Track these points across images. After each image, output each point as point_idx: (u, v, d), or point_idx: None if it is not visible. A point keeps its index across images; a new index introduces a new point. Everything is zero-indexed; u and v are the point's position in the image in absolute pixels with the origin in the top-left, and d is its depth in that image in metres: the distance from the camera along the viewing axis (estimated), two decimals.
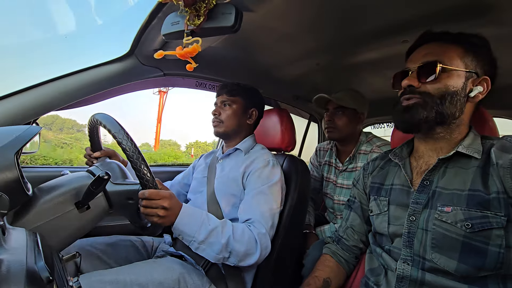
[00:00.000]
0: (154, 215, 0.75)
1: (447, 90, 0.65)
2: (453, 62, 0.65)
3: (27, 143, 0.59)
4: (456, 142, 0.69)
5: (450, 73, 0.65)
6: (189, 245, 0.84)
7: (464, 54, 0.66)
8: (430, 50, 0.68)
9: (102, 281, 0.73)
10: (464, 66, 0.66)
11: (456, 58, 0.66)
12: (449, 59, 0.65)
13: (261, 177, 0.99)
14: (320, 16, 0.81)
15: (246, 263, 0.87)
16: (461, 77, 0.65)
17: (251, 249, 0.87)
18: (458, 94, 0.65)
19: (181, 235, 0.83)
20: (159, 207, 0.75)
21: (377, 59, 1.09)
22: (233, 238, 0.85)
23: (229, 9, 0.62)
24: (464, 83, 0.65)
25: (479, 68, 0.67)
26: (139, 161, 0.71)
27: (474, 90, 0.65)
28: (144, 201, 0.74)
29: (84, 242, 0.94)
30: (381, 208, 0.76)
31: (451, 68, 0.65)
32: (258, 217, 0.92)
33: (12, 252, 0.35)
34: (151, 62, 1.03)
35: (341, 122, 1.36)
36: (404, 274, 0.66)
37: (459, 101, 0.65)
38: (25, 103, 0.83)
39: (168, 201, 0.76)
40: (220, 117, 1.11)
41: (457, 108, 0.65)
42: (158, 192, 0.75)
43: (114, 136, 0.71)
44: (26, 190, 0.60)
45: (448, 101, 0.65)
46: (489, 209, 0.57)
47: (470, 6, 0.73)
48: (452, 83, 0.65)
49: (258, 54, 1.11)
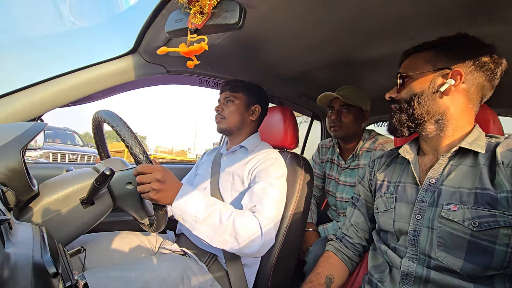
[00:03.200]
0: (150, 190, 0.73)
1: (413, 92, 0.71)
2: (417, 68, 0.72)
3: (32, 139, 0.60)
4: (457, 139, 0.69)
5: (413, 78, 0.72)
6: (190, 226, 0.81)
7: (432, 56, 0.71)
8: (403, 65, 0.77)
9: (107, 277, 0.74)
10: (431, 67, 0.70)
11: (421, 63, 0.72)
12: (414, 67, 0.73)
13: (268, 171, 0.99)
14: (324, 12, 0.80)
15: (249, 250, 0.84)
16: (427, 78, 0.70)
17: (255, 235, 0.85)
18: (425, 93, 0.70)
19: (182, 214, 0.80)
20: (153, 181, 0.73)
21: (382, 56, 1.08)
22: (237, 221, 0.83)
23: (233, 6, 0.62)
24: (431, 81, 0.70)
25: (453, 64, 0.68)
26: (132, 139, 0.71)
27: (444, 84, 0.68)
28: (138, 177, 0.74)
29: (89, 238, 0.95)
30: (388, 205, 0.76)
31: (414, 73, 0.72)
32: (264, 206, 0.90)
33: (19, 246, 0.36)
34: (154, 59, 1.03)
35: (347, 120, 1.35)
36: (409, 271, 0.66)
37: (429, 99, 0.70)
38: (30, 100, 0.83)
39: (161, 173, 0.75)
40: (223, 114, 1.11)
41: (428, 105, 0.70)
42: (150, 166, 0.74)
43: (108, 122, 0.72)
44: (32, 186, 0.61)
45: (415, 101, 0.71)
46: (496, 208, 0.57)
47: (474, 3, 0.72)
48: (416, 86, 0.71)
49: (261, 51, 1.10)
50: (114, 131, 0.72)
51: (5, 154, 0.55)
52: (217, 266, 0.96)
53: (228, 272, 0.95)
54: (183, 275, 0.85)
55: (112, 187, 0.76)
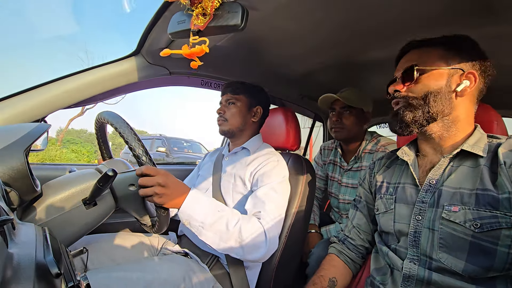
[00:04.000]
0: (152, 194, 0.73)
1: (429, 89, 0.67)
2: (432, 63, 0.68)
3: (36, 141, 0.61)
4: (459, 140, 0.69)
5: (429, 73, 0.68)
6: (196, 231, 0.81)
7: (444, 54, 0.68)
8: (411, 57, 0.73)
9: (109, 277, 0.74)
10: (445, 64, 0.67)
11: (435, 58, 0.68)
12: (428, 61, 0.68)
13: (270, 175, 0.99)
14: (326, 14, 0.80)
15: (253, 256, 0.85)
16: (443, 75, 0.67)
17: (260, 242, 0.85)
18: (442, 92, 0.67)
19: (189, 220, 0.80)
20: (155, 185, 0.73)
21: (383, 58, 1.07)
22: (243, 228, 0.83)
23: (235, 8, 0.62)
24: (447, 80, 0.67)
25: (464, 64, 0.68)
26: (135, 141, 0.71)
27: (461, 84, 0.66)
28: (140, 180, 0.73)
29: (91, 238, 0.95)
30: (387, 207, 0.76)
31: (430, 68, 0.68)
32: (268, 212, 0.91)
33: (22, 246, 0.36)
34: (157, 61, 1.04)
35: (348, 122, 1.34)
36: (411, 273, 0.65)
37: (445, 98, 0.67)
38: (34, 102, 0.84)
39: (163, 178, 0.74)
40: (225, 116, 1.11)
41: (443, 105, 0.67)
42: (154, 168, 0.74)
43: (111, 124, 0.73)
44: (35, 187, 0.61)
45: (431, 99, 0.67)
46: (498, 209, 0.56)
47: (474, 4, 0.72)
48: (433, 82, 0.67)
49: (263, 52, 1.11)
50: (117, 132, 0.72)
51: (9, 155, 0.56)
52: (219, 268, 0.96)
53: (230, 274, 0.95)
54: (185, 276, 0.85)
55: (114, 188, 0.76)
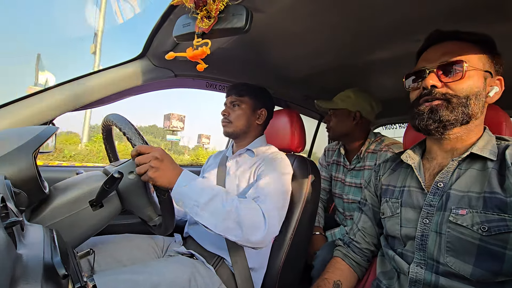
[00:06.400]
0: (148, 169, 0.73)
1: (472, 90, 0.62)
2: (473, 62, 0.63)
3: (44, 143, 0.62)
4: (470, 143, 0.66)
5: (472, 73, 0.63)
6: (191, 212, 0.78)
7: (480, 54, 0.64)
8: (449, 49, 0.65)
9: (116, 279, 0.75)
10: (482, 66, 0.64)
11: (474, 57, 0.63)
12: (470, 58, 0.63)
13: (273, 167, 0.98)
14: (330, 15, 0.80)
15: (253, 238, 0.80)
16: (481, 77, 0.64)
17: (258, 222, 0.82)
18: (481, 94, 0.63)
19: (182, 199, 0.78)
20: (151, 159, 0.73)
21: (388, 58, 1.07)
22: (240, 206, 0.80)
23: (240, 10, 0.62)
24: (484, 83, 0.64)
25: (492, 68, 0.66)
26: (139, 142, 0.73)
27: (492, 90, 0.64)
28: (137, 159, 0.74)
29: (98, 240, 0.96)
30: (393, 211, 0.75)
31: (473, 67, 0.62)
32: (266, 195, 0.89)
33: (30, 248, 0.36)
34: (162, 63, 1.05)
35: (332, 123, 1.44)
36: (417, 277, 0.64)
37: (481, 101, 0.63)
38: (42, 105, 0.86)
39: (159, 152, 0.75)
40: (229, 118, 1.11)
41: (479, 108, 0.64)
42: (148, 146, 0.76)
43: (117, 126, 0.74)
44: (43, 188, 0.62)
45: (473, 101, 0.62)
46: (506, 212, 0.55)
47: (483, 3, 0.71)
48: (475, 83, 0.63)
49: (267, 54, 1.11)
50: (122, 133, 0.73)
51: (17, 157, 0.57)
52: (224, 269, 0.96)
53: (235, 275, 0.95)
54: (191, 278, 0.85)
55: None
